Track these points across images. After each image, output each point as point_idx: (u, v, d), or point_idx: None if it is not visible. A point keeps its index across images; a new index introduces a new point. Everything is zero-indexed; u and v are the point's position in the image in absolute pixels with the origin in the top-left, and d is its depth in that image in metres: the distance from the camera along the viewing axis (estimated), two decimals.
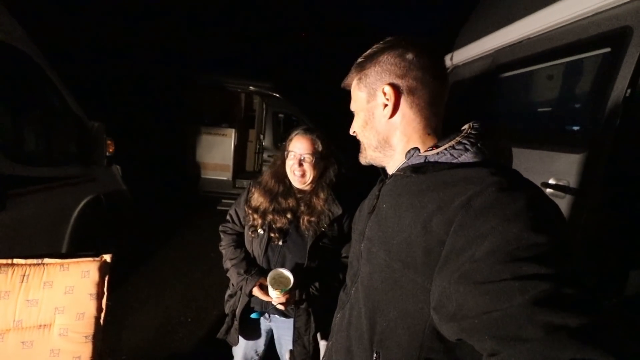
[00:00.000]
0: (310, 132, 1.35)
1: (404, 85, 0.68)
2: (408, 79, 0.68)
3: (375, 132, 0.74)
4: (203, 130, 5.70)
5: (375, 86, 0.71)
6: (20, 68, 2.15)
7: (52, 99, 2.43)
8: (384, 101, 0.70)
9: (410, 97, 0.68)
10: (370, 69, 0.72)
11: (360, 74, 0.74)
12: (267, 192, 1.37)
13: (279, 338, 1.45)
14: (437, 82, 0.69)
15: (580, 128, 1.66)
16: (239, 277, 1.32)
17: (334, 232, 1.34)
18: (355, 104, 0.77)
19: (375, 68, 0.71)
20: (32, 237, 2.07)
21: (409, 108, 0.69)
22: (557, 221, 0.50)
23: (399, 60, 0.68)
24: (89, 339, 1.20)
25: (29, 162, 2.10)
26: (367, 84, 0.73)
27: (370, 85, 0.72)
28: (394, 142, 0.72)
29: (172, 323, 2.58)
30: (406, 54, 0.67)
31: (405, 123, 0.70)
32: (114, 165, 3.13)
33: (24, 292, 1.17)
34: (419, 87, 0.68)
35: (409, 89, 0.68)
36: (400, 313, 0.61)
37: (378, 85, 0.71)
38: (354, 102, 0.78)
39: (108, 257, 1.29)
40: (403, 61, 0.68)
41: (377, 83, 0.71)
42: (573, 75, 1.81)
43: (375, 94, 0.71)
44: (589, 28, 1.65)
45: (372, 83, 0.72)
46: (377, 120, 0.73)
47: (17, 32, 2.10)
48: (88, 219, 2.58)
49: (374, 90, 0.71)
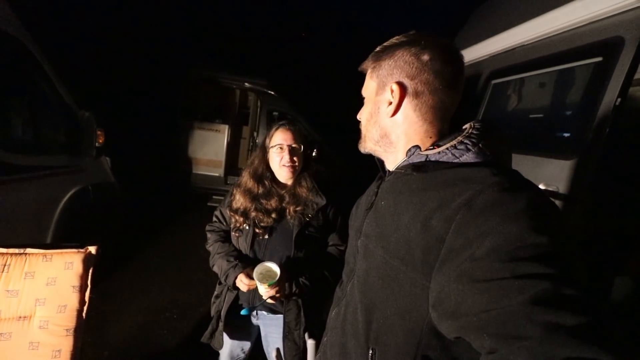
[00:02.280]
0: (291, 124, 1.38)
1: (412, 87, 0.67)
2: (417, 82, 0.66)
3: (378, 126, 0.73)
4: (196, 125, 5.65)
5: (386, 80, 0.70)
6: (11, 54, 2.10)
7: (42, 86, 2.38)
8: (389, 98, 0.69)
9: (415, 100, 0.67)
10: (385, 61, 0.70)
11: (375, 63, 0.73)
12: (248, 192, 1.37)
13: (266, 336, 1.44)
14: (448, 90, 0.67)
15: (571, 135, 1.68)
16: (228, 265, 1.31)
17: (319, 221, 1.36)
18: (366, 91, 0.76)
19: (389, 62, 0.69)
20: (15, 226, 2.01)
21: (412, 110, 0.68)
22: (557, 222, 0.51)
23: (413, 59, 0.66)
24: (70, 332, 1.18)
25: (16, 150, 2.04)
26: (379, 75, 0.71)
27: (382, 77, 0.71)
28: (395, 139, 0.72)
29: (157, 319, 2.54)
30: (422, 55, 0.65)
31: (407, 124, 0.69)
32: (104, 157, 3.07)
33: (4, 282, 1.13)
34: (426, 92, 0.66)
35: (415, 91, 0.67)
36: (398, 310, 0.60)
37: (388, 80, 0.69)
38: (365, 89, 0.77)
39: (93, 249, 1.27)
40: (417, 61, 0.66)
41: (388, 78, 0.69)
42: (565, 83, 1.84)
43: (385, 88, 0.70)
44: (581, 37, 1.68)
45: (383, 76, 0.70)
46: (381, 115, 0.72)
47: (9, 18, 2.05)
48: (74, 211, 2.53)
49: (384, 84, 0.70)
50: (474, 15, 3.06)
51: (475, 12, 3.06)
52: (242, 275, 1.27)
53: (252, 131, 6.71)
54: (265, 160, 1.39)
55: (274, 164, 1.36)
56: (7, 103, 2.13)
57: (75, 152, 2.62)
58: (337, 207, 1.40)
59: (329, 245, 1.42)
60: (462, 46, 2.89)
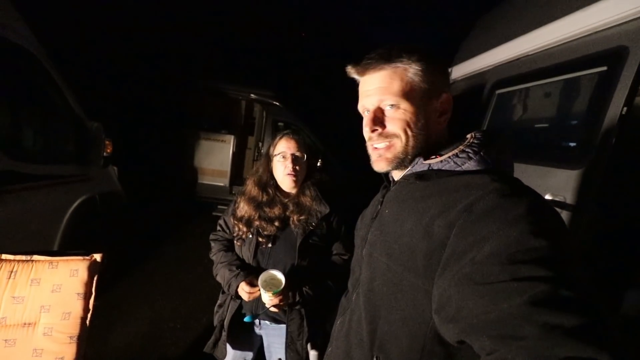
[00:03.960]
0: (295, 134, 1.39)
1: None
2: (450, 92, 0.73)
3: (427, 135, 0.70)
4: (202, 136, 5.71)
5: (435, 87, 0.70)
6: (23, 65, 2.16)
7: (52, 97, 2.43)
8: (442, 108, 0.72)
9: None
10: (435, 67, 0.70)
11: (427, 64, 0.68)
12: (251, 200, 1.37)
13: (269, 346, 1.42)
14: None
15: (577, 144, 1.67)
16: (230, 274, 1.31)
17: (323, 230, 1.36)
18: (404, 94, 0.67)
19: (439, 68, 0.71)
20: (23, 233, 2.04)
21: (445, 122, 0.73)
22: (557, 227, 0.52)
23: (447, 72, 0.73)
24: (73, 340, 1.17)
25: (25, 159, 2.08)
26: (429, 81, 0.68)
27: (432, 83, 0.69)
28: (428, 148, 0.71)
29: (160, 329, 2.53)
30: (448, 68, 0.72)
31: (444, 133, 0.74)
32: (111, 166, 3.11)
33: (10, 289, 1.14)
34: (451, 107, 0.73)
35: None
36: (402, 317, 0.61)
37: (437, 87, 0.70)
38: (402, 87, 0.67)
39: (98, 257, 1.27)
40: (448, 74, 0.74)
41: (438, 85, 0.70)
42: (570, 93, 1.84)
43: (438, 95, 0.71)
44: (585, 47, 1.68)
45: (433, 82, 0.69)
46: (432, 123, 0.71)
47: (22, 30, 2.11)
48: (82, 219, 2.55)
49: (433, 92, 0.70)
50: (478, 25, 3.08)
51: (479, 21, 3.09)
52: (244, 283, 1.26)
53: (258, 141, 6.77)
54: (269, 168, 1.40)
55: (277, 173, 1.37)
56: (19, 113, 2.18)
57: (84, 161, 2.67)
58: (340, 216, 1.40)
59: (332, 255, 1.41)
60: (466, 56, 2.92)
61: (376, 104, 0.70)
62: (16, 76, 2.10)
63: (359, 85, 0.75)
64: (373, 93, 0.69)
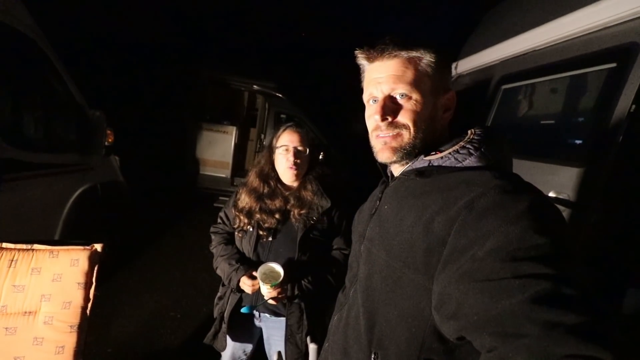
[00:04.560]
0: (298, 127, 1.38)
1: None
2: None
3: (432, 129, 0.69)
4: (204, 127, 5.71)
5: (443, 82, 0.70)
6: (24, 52, 2.14)
7: (54, 85, 2.42)
8: (447, 104, 0.71)
9: None
10: (446, 62, 0.70)
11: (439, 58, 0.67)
12: (253, 192, 1.36)
13: (269, 338, 1.43)
14: None
15: (583, 142, 1.65)
16: (230, 268, 1.31)
17: (324, 225, 1.35)
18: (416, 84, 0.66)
19: (447, 64, 0.72)
20: (24, 222, 2.04)
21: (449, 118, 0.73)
22: (558, 224, 0.51)
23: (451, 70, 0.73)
24: (74, 329, 1.18)
25: (27, 147, 2.08)
26: (439, 75, 0.68)
27: (441, 78, 0.69)
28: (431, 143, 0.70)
29: (161, 318, 2.55)
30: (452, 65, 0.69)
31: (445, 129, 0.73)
32: (113, 156, 3.11)
33: (11, 277, 1.14)
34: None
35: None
36: (400, 313, 0.61)
37: (445, 82, 0.71)
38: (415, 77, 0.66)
39: (99, 247, 1.27)
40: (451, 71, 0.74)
41: (445, 80, 0.71)
42: (577, 89, 1.81)
43: (445, 91, 0.71)
44: (595, 43, 1.65)
45: (442, 77, 0.69)
46: (438, 117, 0.71)
47: (25, 18, 2.09)
48: (83, 209, 2.56)
49: (441, 87, 0.70)
50: (485, 20, 3.04)
51: (486, 16, 3.04)
52: (245, 277, 1.27)
53: (260, 133, 6.75)
54: (271, 160, 1.39)
55: (279, 165, 1.36)
56: (20, 101, 2.17)
57: (85, 150, 2.66)
58: (342, 211, 1.39)
59: (333, 249, 1.41)
60: (472, 51, 2.87)
61: (387, 92, 0.67)
62: (17, 63, 2.09)
63: (364, 72, 0.74)
64: (385, 81, 0.67)
